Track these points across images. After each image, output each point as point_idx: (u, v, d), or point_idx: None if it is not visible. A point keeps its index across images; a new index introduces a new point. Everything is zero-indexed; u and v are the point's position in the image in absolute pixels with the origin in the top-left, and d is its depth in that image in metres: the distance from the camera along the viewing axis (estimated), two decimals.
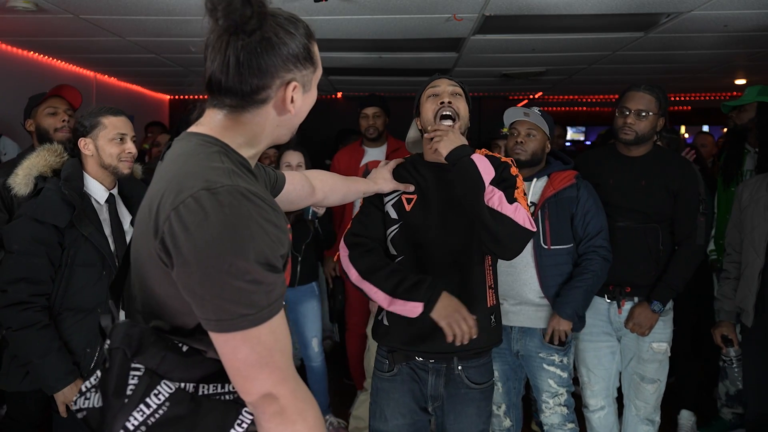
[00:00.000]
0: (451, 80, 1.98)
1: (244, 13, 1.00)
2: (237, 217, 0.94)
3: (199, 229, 0.93)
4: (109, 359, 1.04)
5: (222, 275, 0.93)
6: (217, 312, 0.95)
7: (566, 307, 2.34)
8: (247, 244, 0.94)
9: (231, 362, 0.98)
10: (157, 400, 1.01)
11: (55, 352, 1.98)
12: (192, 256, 0.93)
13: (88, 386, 1.07)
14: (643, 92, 2.52)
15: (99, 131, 2.13)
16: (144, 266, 1.06)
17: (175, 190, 0.97)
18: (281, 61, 1.06)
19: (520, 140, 2.43)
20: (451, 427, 1.99)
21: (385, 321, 1.98)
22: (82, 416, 1.06)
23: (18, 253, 1.99)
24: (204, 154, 1.04)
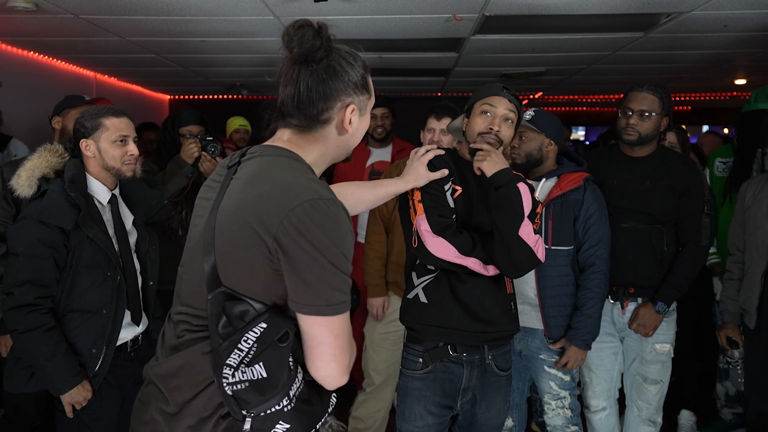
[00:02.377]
0: (510, 101, 2.00)
1: (314, 44, 1.23)
2: (339, 222, 1.17)
3: (316, 229, 1.14)
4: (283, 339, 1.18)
5: (332, 267, 1.15)
6: (326, 298, 1.16)
7: (584, 337, 2.37)
8: (346, 243, 1.17)
9: (320, 341, 1.19)
10: (300, 377, 1.21)
11: (62, 354, 1.98)
12: (310, 251, 1.13)
13: (236, 363, 1.16)
14: (646, 92, 2.51)
15: (101, 133, 2.11)
16: (237, 257, 1.19)
17: (290, 196, 1.16)
18: (343, 86, 1.28)
19: (514, 144, 2.41)
20: (482, 416, 2.07)
21: (423, 298, 2.00)
22: (238, 388, 1.16)
23: (23, 256, 1.98)
24: (300, 169, 1.24)
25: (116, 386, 2.15)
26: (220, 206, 1.24)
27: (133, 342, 2.21)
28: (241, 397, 1.17)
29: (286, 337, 1.18)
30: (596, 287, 2.38)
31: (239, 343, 1.15)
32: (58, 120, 2.76)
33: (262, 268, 1.17)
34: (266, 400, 1.17)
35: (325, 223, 1.15)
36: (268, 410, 1.18)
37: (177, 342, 1.28)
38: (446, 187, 2.01)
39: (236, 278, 1.19)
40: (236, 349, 1.15)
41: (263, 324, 1.16)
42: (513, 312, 2.07)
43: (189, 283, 1.30)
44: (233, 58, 4.50)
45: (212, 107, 6.63)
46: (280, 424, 1.20)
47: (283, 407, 1.18)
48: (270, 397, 1.17)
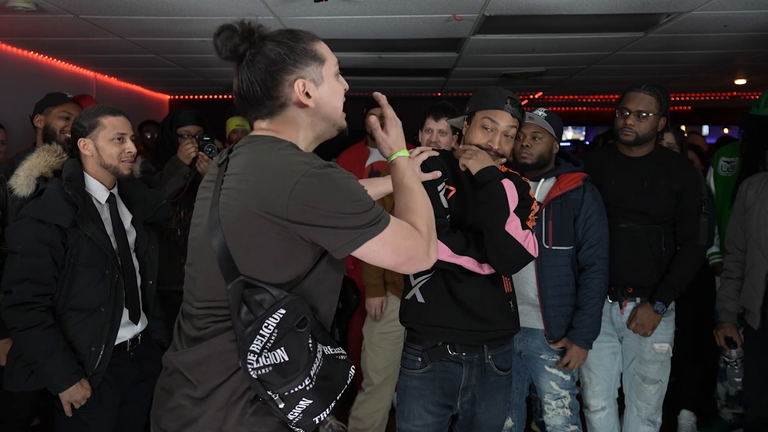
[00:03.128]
0: (513, 116, 1.98)
1: (234, 42, 1.32)
2: (336, 180, 1.25)
3: (322, 196, 1.23)
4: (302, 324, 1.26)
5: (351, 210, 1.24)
6: (357, 230, 1.25)
7: (585, 337, 2.37)
8: (352, 189, 1.26)
9: (382, 259, 1.30)
10: (320, 355, 1.29)
11: (60, 352, 1.98)
12: (327, 214, 1.22)
13: (259, 348, 1.23)
14: (643, 93, 2.51)
15: (98, 131, 2.12)
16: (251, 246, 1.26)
17: (286, 176, 1.23)
18: (279, 66, 1.32)
19: (526, 144, 2.42)
20: (482, 415, 2.07)
21: (420, 298, 2.00)
22: (263, 373, 1.23)
23: (21, 254, 1.99)
24: (284, 149, 1.30)
25: (115, 385, 2.15)
26: (219, 202, 1.29)
27: (132, 341, 2.21)
28: (265, 380, 1.24)
29: (304, 323, 1.25)
30: (597, 286, 2.39)
31: (260, 330, 1.22)
32: (40, 118, 2.73)
33: (277, 250, 1.25)
34: (289, 382, 1.24)
35: (327, 188, 1.23)
36: (291, 390, 1.24)
37: (200, 333, 1.34)
38: (440, 187, 2.01)
39: (253, 266, 1.26)
40: (258, 335, 1.22)
41: (282, 310, 1.23)
42: (512, 311, 2.07)
43: (203, 279, 1.35)
44: None
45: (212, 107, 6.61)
46: (303, 401, 1.26)
47: (305, 386, 1.25)
48: (292, 378, 1.24)
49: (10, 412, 2.65)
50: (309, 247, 1.28)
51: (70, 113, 2.67)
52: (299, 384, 1.25)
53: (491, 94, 2.02)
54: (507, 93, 2.01)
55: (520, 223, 1.92)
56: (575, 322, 2.39)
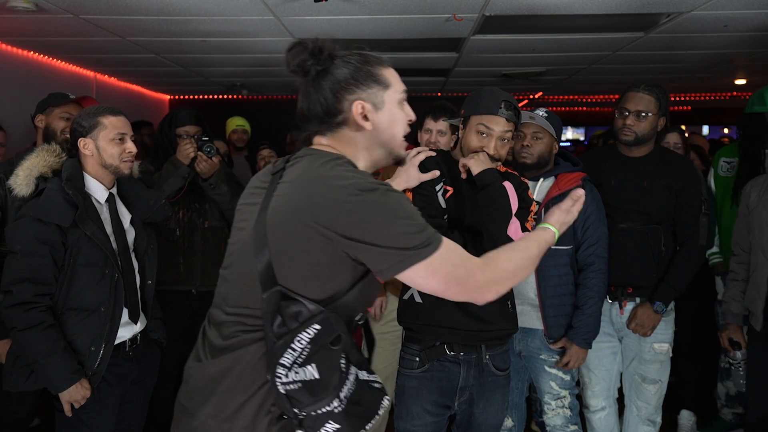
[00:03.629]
0: (508, 120, 1.97)
1: (303, 58, 1.33)
2: (389, 198, 1.25)
3: (372, 212, 1.22)
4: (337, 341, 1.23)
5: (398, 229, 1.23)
6: (403, 250, 1.22)
7: (585, 336, 2.37)
8: (403, 208, 1.25)
9: (428, 286, 1.28)
10: (352, 378, 1.25)
11: (60, 352, 1.98)
12: (374, 230, 1.21)
13: (289, 363, 1.19)
14: (642, 93, 2.50)
15: (99, 131, 2.12)
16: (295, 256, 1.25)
17: (339, 189, 1.23)
18: (341, 85, 1.34)
19: (527, 143, 2.41)
20: (480, 415, 2.07)
21: (418, 298, 2.00)
22: (288, 390, 1.19)
23: (21, 254, 1.99)
24: (341, 165, 1.30)
25: (115, 385, 2.15)
26: (269, 208, 1.28)
27: (131, 341, 2.21)
28: (293, 397, 1.20)
29: (338, 341, 1.22)
30: (596, 286, 2.39)
31: (292, 343, 1.19)
32: (42, 118, 2.73)
33: (320, 264, 1.24)
34: (317, 401, 1.20)
35: (379, 205, 1.23)
36: (319, 410, 1.20)
37: (226, 343, 1.30)
38: (437, 187, 2.01)
39: (292, 277, 1.24)
40: (289, 349, 1.19)
41: (317, 326, 1.20)
42: (510, 311, 2.07)
43: (239, 284, 1.33)
44: (233, 58, 4.50)
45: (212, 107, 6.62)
46: (330, 424, 1.22)
47: (334, 408, 1.21)
48: (321, 398, 1.20)
49: (9, 412, 2.65)
50: (351, 266, 1.27)
51: (72, 114, 2.67)
52: (327, 405, 1.20)
53: (485, 97, 1.99)
54: (501, 96, 1.98)
55: (520, 226, 1.92)
56: (575, 322, 2.39)
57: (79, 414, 2.06)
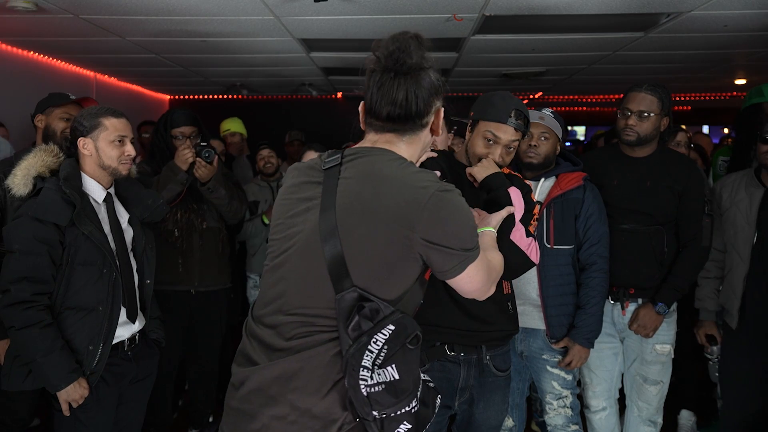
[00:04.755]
0: (516, 129, 1.95)
1: (420, 55, 1.32)
2: (462, 203, 1.32)
3: (451, 214, 1.28)
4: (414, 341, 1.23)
5: (468, 235, 1.31)
6: (464, 254, 1.30)
7: (587, 336, 2.37)
8: (471, 216, 1.33)
9: (475, 286, 1.38)
10: (423, 377, 1.29)
11: (58, 351, 1.98)
12: (451, 233, 1.27)
13: (369, 364, 1.18)
14: (645, 93, 2.48)
15: (99, 132, 2.12)
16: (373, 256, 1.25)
17: (419, 190, 1.26)
18: (434, 90, 1.35)
19: (534, 143, 2.40)
20: (480, 416, 2.06)
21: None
22: (374, 391, 1.18)
23: (20, 253, 1.99)
24: (411, 166, 1.35)
25: (113, 385, 2.15)
26: (336, 205, 1.26)
27: (130, 341, 2.21)
28: (375, 399, 1.18)
29: (416, 340, 1.22)
30: (598, 285, 2.39)
31: (369, 345, 1.18)
32: (41, 118, 2.71)
33: (397, 263, 1.26)
34: (398, 402, 1.19)
35: (454, 208, 1.28)
36: (399, 411, 1.20)
37: (291, 344, 1.26)
38: None
39: (367, 277, 1.23)
40: (367, 351, 1.18)
41: (391, 326, 1.19)
42: (510, 312, 2.06)
43: (302, 283, 1.28)
44: (233, 58, 4.50)
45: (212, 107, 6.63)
46: (404, 425, 1.22)
47: (411, 408, 1.21)
48: (403, 398, 1.19)
49: (9, 412, 2.64)
50: (419, 267, 1.31)
51: (72, 115, 2.66)
52: (407, 405, 1.20)
53: (496, 104, 1.96)
54: (513, 104, 1.95)
55: (524, 231, 1.91)
56: (577, 322, 2.39)
57: (78, 413, 2.05)
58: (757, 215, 2.52)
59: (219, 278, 3.04)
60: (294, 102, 6.98)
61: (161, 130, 2.95)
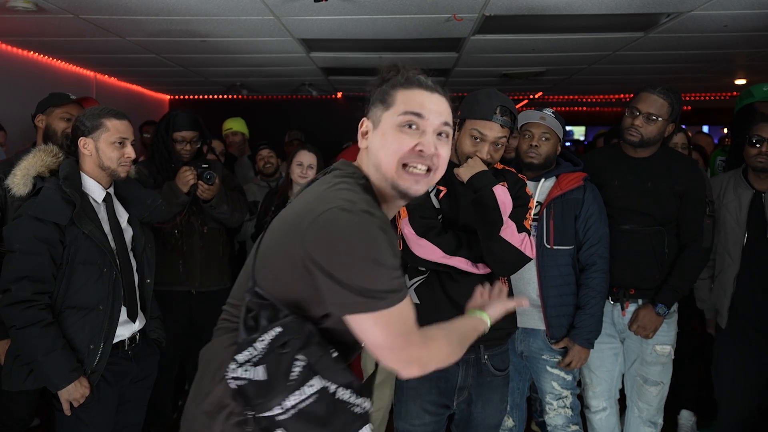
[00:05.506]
0: (502, 126, 1.94)
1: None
2: (365, 226, 1.14)
3: (341, 233, 1.13)
4: (287, 346, 1.18)
5: (361, 265, 1.12)
6: (357, 295, 1.13)
7: (587, 336, 2.37)
8: (377, 245, 1.13)
9: (367, 338, 1.18)
10: (309, 390, 1.17)
11: (59, 350, 1.98)
12: (337, 253, 1.12)
13: (244, 360, 1.18)
14: (657, 95, 2.44)
15: (101, 133, 2.12)
16: (271, 259, 1.23)
17: (321, 202, 1.17)
18: (367, 103, 1.32)
19: (535, 143, 2.40)
20: (479, 415, 2.07)
21: (415, 299, 2.00)
22: (240, 385, 1.19)
23: (20, 252, 2.00)
24: (346, 182, 1.25)
25: (114, 384, 2.15)
26: (278, 214, 1.29)
27: (130, 340, 2.21)
28: (242, 393, 1.19)
29: (286, 346, 1.17)
30: (598, 286, 2.39)
31: (255, 342, 1.18)
32: (42, 118, 2.71)
33: (289, 270, 1.18)
34: (261, 404, 1.17)
35: (353, 230, 1.12)
36: (264, 413, 1.17)
37: (215, 329, 1.35)
38: (430, 188, 2.00)
39: (266, 279, 1.23)
40: (251, 347, 1.18)
41: (279, 328, 1.17)
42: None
43: (242, 276, 1.36)
44: (233, 58, 4.50)
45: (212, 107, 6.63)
46: (280, 431, 1.18)
47: (278, 414, 1.17)
48: (266, 401, 1.16)
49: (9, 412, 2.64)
50: (311, 291, 1.18)
51: (72, 115, 2.66)
52: (269, 410, 1.16)
53: (481, 102, 1.96)
54: (498, 100, 1.95)
55: (515, 227, 1.91)
56: (577, 322, 2.39)
57: (78, 413, 2.06)
58: (747, 217, 2.53)
59: (219, 279, 3.04)
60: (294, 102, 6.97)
61: (162, 132, 2.93)
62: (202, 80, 5.68)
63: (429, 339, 1.27)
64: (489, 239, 1.89)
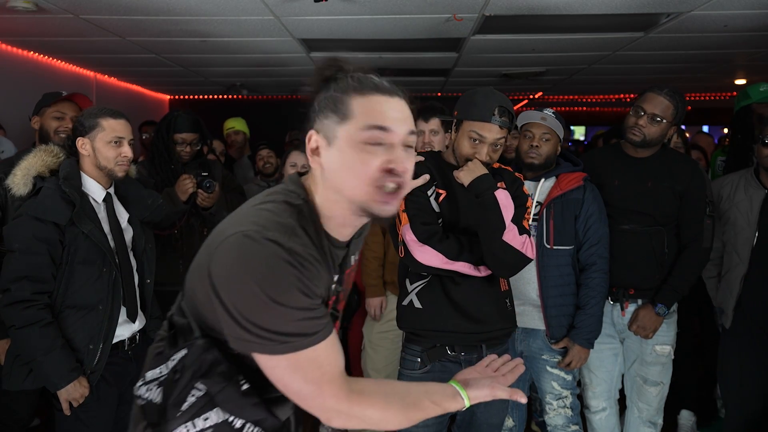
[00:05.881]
0: (501, 127, 1.92)
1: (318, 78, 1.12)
2: (266, 259, 1.00)
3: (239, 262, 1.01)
4: (180, 372, 1.09)
5: (259, 303, 0.99)
6: (257, 334, 1.01)
7: (587, 336, 2.37)
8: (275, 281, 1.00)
9: (272, 377, 1.06)
10: (203, 423, 1.07)
11: (59, 350, 1.99)
12: (232, 284, 1.01)
13: (151, 378, 1.12)
14: (663, 97, 2.42)
15: (97, 132, 2.13)
16: (191, 279, 1.13)
17: (230, 226, 1.06)
18: (313, 110, 1.11)
19: (536, 144, 2.39)
20: (481, 415, 2.06)
21: (417, 304, 1.99)
22: (142, 404, 1.13)
23: (20, 252, 2.00)
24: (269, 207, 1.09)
25: (114, 384, 2.16)
26: None
27: (130, 340, 2.22)
28: (144, 412, 1.13)
29: (183, 371, 1.08)
30: (598, 286, 2.39)
31: (167, 361, 1.11)
32: (36, 120, 2.70)
33: (200, 289, 1.07)
34: (157, 425, 1.10)
35: (249, 258, 1.00)
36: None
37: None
38: (429, 192, 1.99)
39: (187, 295, 1.15)
40: (164, 365, 1.12)
41: (184, 350, 1.09)
42: (509, 309, 2.07)
43: None
44: (233, 58, 4.50)
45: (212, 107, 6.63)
46: None
47: None
48: (162, 425, 1.09)
49: (9, 412, 2.65)
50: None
51: (63, 113, 2.65)
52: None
53: (479, 103, 1.94)
54: (495, 101, 1.93)
55: (517, 230, 1.91)
56: (577, 322, 2.39)
57: (78, 413, 2.06)
58: (758, 216, 2.52)
59: None
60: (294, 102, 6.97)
61: (163, 133, 2.93)
62: (202, 80, 5.68)
63: (356, 394, 1.10)
64: (491, 242, 1.88)
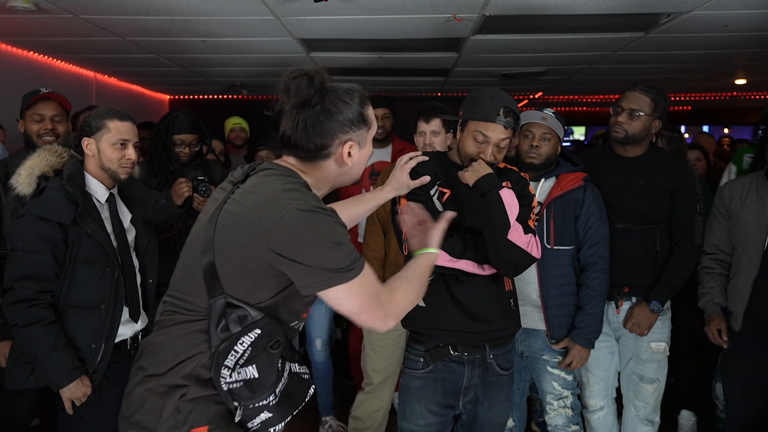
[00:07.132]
0: (506, 128, 1.93)
1: (309, 92, 1.36)
2: (323, 221, 1.30)
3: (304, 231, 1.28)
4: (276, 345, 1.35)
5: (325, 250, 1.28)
6: (326, 273, 1.28)
7: (588, 336, 2.38)
8: (335, 233, 1.30)
9: (343, 306, 1.34)
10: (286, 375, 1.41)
11: (61, 349, 2.00)
12: (303, 249, 1.27)
13: (231, 365, 1.31)
14: (638, 92, 2.52)
15: (102, 134, 2.14)
16: (238, 265, 1.32)
17: (280, 205, 1.29)
18: (339, 125, 1.39)
19: (536, 144, 2.40)
20: (485, 415, 2.07)
21: (421, 303, 1.99)
22: (234, 387, 1.32)
23: (23, 251, 2.01)
24: (293, 184, 1.36)
25: (116, 383, 2.15)
26: (221, 212, 1.36)
27: (132, 340, 2.22)
28: (235, 393, 1.32)
29: (277, 345, 1.35)
30: (598, 286, 2.39)
31: (235, 346, 1.31)
32: (22, 123, 2.67)
33: (260, 272, 1.32)
34: (255, 397, 1.33)
35: (311, 225, 1.28)
36: (256, 404, 1.34)
37: (160, 318, 1.44)
38: (432, 191, 2.00)
39: (236, 285, 1.33)
40: (233, 351, 1.31)
41: (258, 330, 1.32)
42: (512, 309, 2.07)
43: (182, 270, 1.44)
44: (233, 58, 4.50)
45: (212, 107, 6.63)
46: (264, 413, 1.36)
47: (269, 402, 1.36)
48: (260, 394, 1.34)
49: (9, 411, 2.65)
50: (274, 278, 1.33)
51: (42, 114, 2.63)
52: (264, 399, 1.34)
53: (484, 103, 1.94)
54: (501, 101, 1.93)
55: (522, 230, 1.91)
56: (577, 322, 2.39)
57: (80, 412, 2.07)
58: None
59: None
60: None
61: (162, 133, 2.92)
62: (202, 80, 5.68)
63: (394, 291, 1.43)
64: (496, 241, 1.89)
